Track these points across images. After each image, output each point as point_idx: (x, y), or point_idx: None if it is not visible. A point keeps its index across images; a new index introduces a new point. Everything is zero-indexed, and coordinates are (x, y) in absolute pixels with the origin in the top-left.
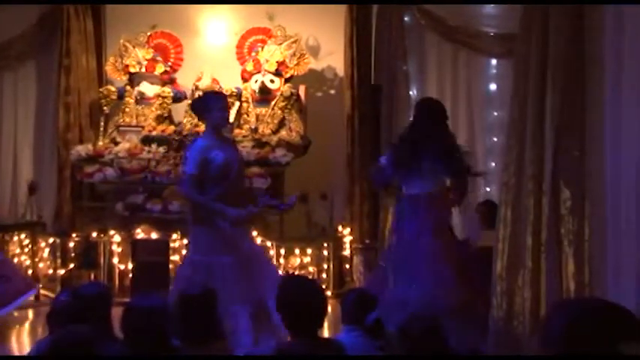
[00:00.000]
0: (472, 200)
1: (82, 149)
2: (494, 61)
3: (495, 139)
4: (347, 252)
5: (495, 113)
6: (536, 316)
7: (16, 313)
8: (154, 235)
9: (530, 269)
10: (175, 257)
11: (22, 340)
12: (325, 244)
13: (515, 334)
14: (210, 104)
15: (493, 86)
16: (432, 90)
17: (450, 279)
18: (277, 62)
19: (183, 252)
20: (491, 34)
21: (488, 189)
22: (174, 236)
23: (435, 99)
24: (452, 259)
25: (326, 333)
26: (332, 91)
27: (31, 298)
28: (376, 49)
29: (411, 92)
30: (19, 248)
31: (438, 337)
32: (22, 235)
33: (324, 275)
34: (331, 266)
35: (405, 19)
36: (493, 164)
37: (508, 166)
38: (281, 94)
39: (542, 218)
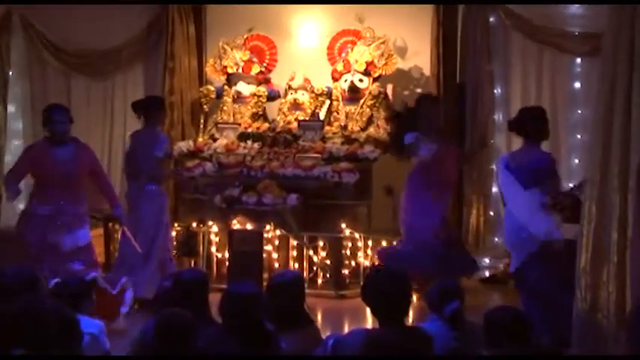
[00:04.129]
0: None
1: (184, 145)
2: (578, 60)
3: (579, 137)
4: None
5: (579, 111)
6: (621, 309)
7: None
8: (249, 226)
9: (615, 264)
10: (268, 247)
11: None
12: None
13: (600, 327)
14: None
15: (577, 84)
16: (516, 88)
17: None
18: (366, 62)
19: (276, 242)
20: (576, 33)
21: (571, 185)
22: (268, 227)
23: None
24: None
25: None
26: (418, 90)
27: None
28: (461, 48)
29: (495, 91)
30: None
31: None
32: None
33: None
34: None
35: (491, 19)
36: (577, 161)
37: (594, 163)
38: (369, 93)
39: (629, 215)
